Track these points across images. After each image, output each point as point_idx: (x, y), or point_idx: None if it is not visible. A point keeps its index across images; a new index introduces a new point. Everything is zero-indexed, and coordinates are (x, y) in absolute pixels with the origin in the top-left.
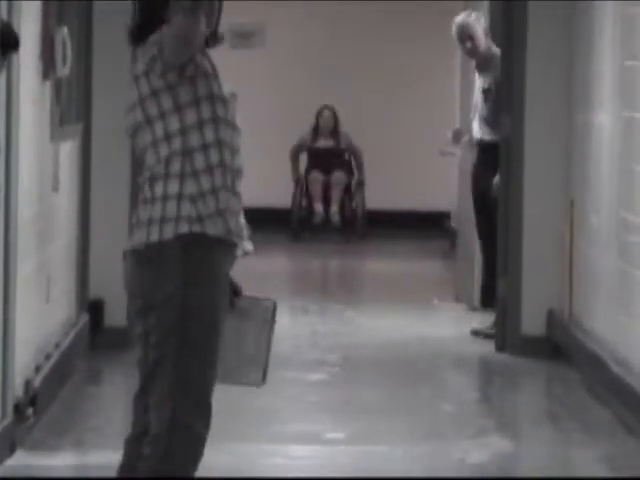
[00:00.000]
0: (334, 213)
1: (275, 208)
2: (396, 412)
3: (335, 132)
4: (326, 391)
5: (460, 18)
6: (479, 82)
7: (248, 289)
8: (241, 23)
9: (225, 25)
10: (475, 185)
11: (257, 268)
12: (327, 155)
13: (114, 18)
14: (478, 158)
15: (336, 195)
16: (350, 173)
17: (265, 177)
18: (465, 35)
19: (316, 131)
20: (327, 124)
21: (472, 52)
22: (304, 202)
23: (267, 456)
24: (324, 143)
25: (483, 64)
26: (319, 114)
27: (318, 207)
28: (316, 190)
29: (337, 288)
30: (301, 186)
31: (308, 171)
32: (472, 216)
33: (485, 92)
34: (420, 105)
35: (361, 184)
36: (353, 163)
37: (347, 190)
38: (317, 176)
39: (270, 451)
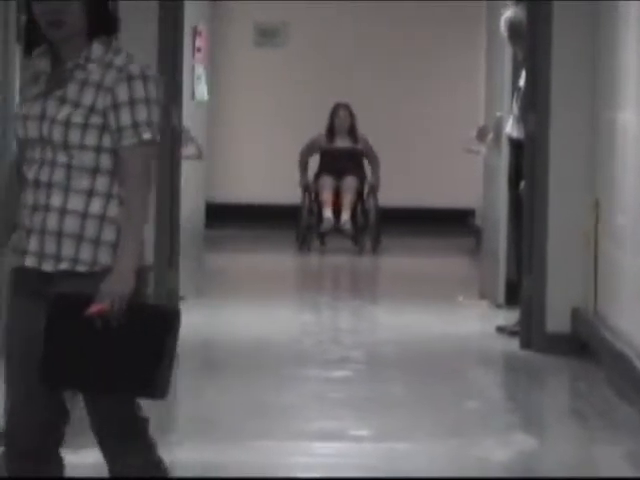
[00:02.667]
0: (345, 221)
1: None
2: (421, 409)
3: (352, 131)
4: (350, 388)
5: (513, 14)
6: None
7: (263, 288)
8: (265, 22)
9: (250, 24)
10: (510, 182)
11: (271, 267)
12: (342, 157)
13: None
14: (511, 155)
15: (347, 201)
16: (363, 177)
17: (286, 175)
18: (522, 31)
19: (332, 131)
20: (343, 123)
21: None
22: (314, 208)
23: (291, 454)
24: (341, 143)
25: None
26: (334, 113)
27: (328, 213)
28: (327, 195)
29: (360, 285)
30: (309, 192)
31: (319, 175)
32: (497, 214)
33: (518, 90)
34: (445, 102)
35: (374, 189)
36: (368, 167)
37: (359, 196)
38: (328, 180)
39: (294, 449)
